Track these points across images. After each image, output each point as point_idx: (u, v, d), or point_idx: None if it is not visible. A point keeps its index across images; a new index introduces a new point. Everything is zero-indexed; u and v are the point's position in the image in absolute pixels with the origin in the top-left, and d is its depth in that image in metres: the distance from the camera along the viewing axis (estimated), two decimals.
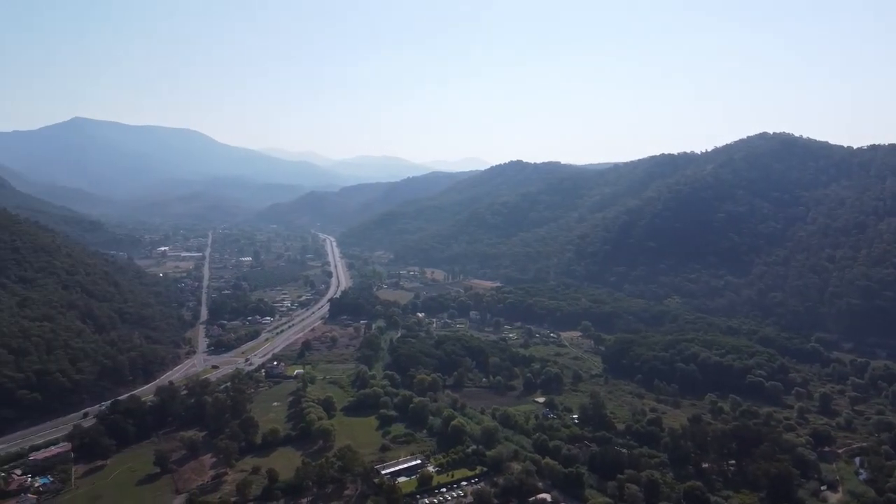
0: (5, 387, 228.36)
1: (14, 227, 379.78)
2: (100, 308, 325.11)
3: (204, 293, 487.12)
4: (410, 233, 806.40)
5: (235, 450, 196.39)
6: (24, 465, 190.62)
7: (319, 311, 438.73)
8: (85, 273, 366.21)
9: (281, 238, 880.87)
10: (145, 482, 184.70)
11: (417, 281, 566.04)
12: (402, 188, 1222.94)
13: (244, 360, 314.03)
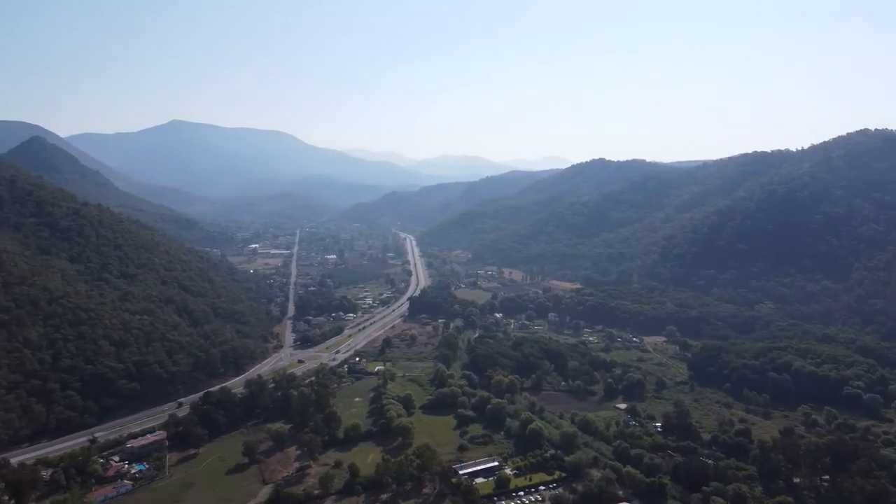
0: (107, 376, 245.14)
1: (117, 226, 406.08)
2: (195, 303, 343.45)
3: (291, 289, 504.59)
4: (488, 232, 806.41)
5: (319, 443, 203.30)
6: (122, 452, 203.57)
7: (399, 308, 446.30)
8: (181, 269, 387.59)
9: (363, 237, 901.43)
10: (234, 471, 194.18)
11: (495, 281, 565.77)
12: (481, 187, 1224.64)
13: (328, 356, 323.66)
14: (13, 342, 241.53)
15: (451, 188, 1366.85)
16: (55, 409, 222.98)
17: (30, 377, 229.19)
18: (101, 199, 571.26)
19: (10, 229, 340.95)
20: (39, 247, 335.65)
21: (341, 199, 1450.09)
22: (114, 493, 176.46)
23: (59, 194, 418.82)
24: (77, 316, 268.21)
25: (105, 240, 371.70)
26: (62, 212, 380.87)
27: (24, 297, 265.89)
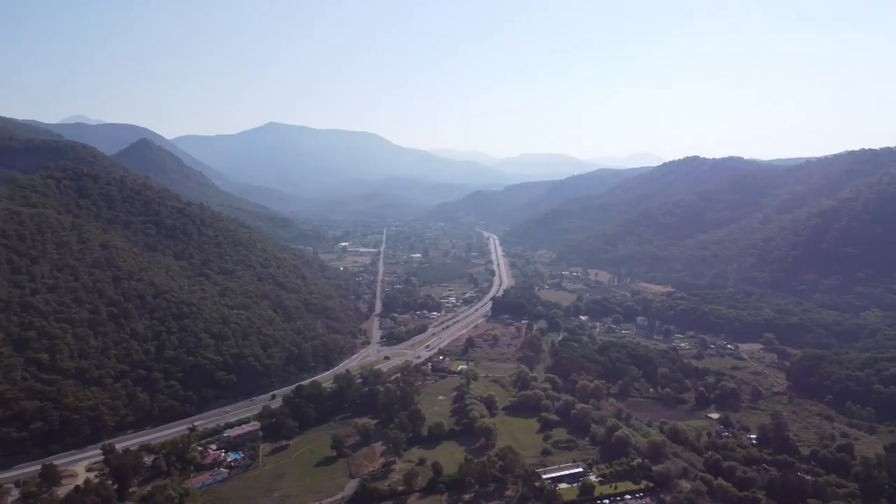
0: (206, 368, 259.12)
1: (217, 224, 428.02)
2: (288, 298, 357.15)
3: (378, 287, 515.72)
4: (574, 232, 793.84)
5: (403, 440, 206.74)
6: (219, 441, 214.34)
7: (482, 308, 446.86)
8: (276, 266, 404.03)
9: (448, 236, 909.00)
10: (323, 464, 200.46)
11: (580, 282, 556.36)
12: (567, 186, 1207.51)
13: (412, 353, 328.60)
14: (121, 333, 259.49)
15: (536, 187, 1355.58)
16: (158, 398, 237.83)
17: (136, 367, 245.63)
18: (203, 199, 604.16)
19: (120, 227, 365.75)
20: (147, 244, 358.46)
21: (426, 199, 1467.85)
22: (211, 480, 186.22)
23: (164, 194, 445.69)
24: (180, 310, 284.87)
25: (206, 237, 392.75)
26: (167, 210, 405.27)
27: (131, 292, 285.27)
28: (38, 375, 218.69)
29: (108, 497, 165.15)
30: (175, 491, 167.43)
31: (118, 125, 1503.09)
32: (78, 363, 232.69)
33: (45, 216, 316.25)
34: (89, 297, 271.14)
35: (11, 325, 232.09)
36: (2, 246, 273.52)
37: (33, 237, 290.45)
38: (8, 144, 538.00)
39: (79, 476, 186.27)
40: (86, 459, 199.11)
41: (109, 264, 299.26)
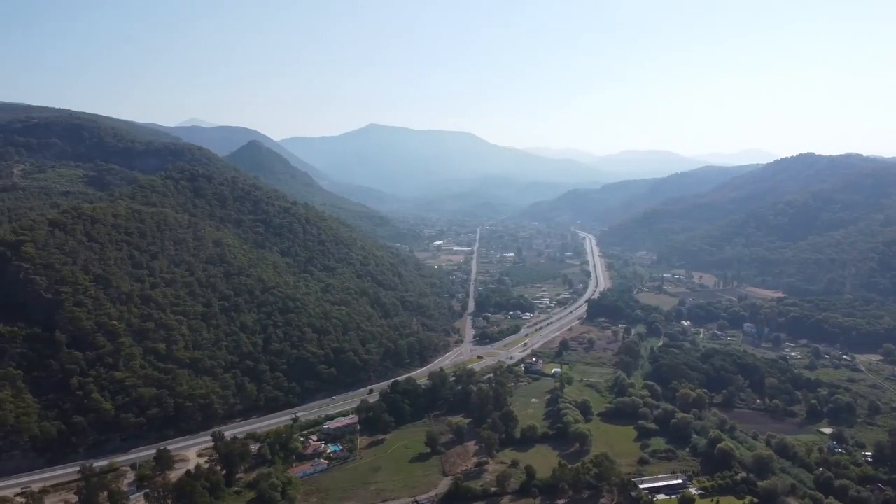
0: (309, 361, 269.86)
1: (321, 223, 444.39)
2: (386, 296, 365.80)
3: (471, 286, 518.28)
4: (676, 233, 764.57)
5: (496, 441, 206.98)
6: (320, 433, 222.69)
7: (577, 310, 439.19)
8: (375, 264, 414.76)
9: (542, 235, 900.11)
10: (417, 460, 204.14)
11: (683, 285, 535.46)
12: (669, 184, 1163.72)
13: (505, 354, 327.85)
14: (232, 326, 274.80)
15: (636, 185, 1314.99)
16: (264, 389, 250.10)
17: (244, 358, 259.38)
18: (308, 198, 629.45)
19: (231, 225, 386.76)
20: (255, 241, 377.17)
21: (520, 198, 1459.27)
22: (311, 470, 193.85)
23: (272, 194, 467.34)
24: (286, 304, 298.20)
25: (311, 235, 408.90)
26: (275, 210, 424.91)
27: (241, 287, 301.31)
28: (156, 364, 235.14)
29: (217, 482, 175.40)
30: (278, 479, 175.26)
31: (230, 128, 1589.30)
32: (192, 353, 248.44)
33: (164, 215, 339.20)
34: (203, 291, 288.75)
35: (132, 317, 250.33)
36: (124, 242, 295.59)
37: (153, 234, 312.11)
38: (131, 147, 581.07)
39: (190, 461, 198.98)
40: (197, 445, 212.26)
41: (221, 260, 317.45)
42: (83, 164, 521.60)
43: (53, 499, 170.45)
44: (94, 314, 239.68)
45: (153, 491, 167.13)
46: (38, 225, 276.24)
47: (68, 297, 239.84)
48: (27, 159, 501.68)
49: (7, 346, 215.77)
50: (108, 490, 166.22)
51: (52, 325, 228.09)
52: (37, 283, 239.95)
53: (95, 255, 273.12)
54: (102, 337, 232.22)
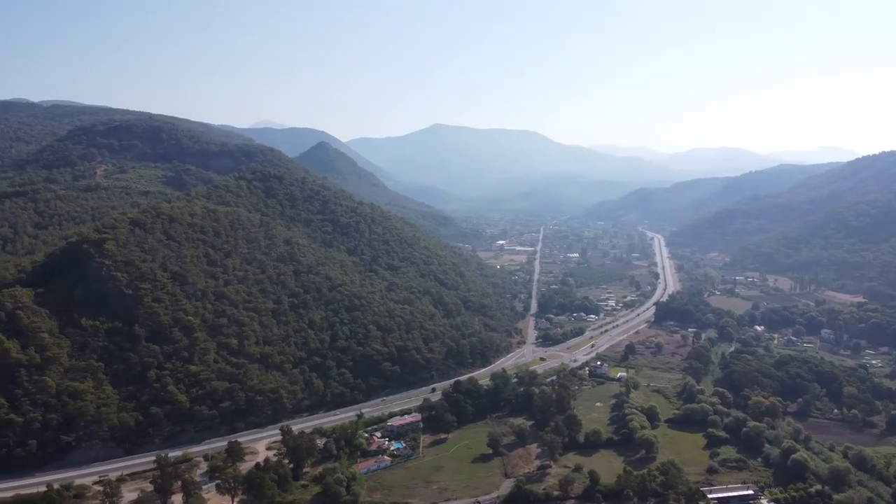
0: (373, 358, 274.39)
1: (386, 223, 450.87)
2: (448, 295, 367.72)
3: (534, 286, 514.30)
4: (750, 234, 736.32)
5: (559, 445, 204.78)
6: (383, 430, 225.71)
7: (644, 313, 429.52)
8: (438, 263, 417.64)
9: (607, 235, 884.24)
10: (479, 461, 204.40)
11: (756, 289, 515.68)
12: (742, 183, 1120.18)
13: (569, 356, 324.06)
14: (300, 322, 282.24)
15: (707, 184, 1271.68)
16: (331, 385, 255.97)
17: (312, 354, 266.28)
18: (374, 198, 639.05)
19: (301, 224, 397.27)
20: (324, 240, 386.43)
21: (585, 197, 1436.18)
22: (375, 466, 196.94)
23: (340, 194, 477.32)
24: (352, 302, 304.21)
25: (376, 235, 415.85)
26: (342, 209, 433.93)
27: (310, 284, 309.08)
28: (228, 359, 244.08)
29: (285, 475, 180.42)
30: (343, 474, 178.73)
31: (300, 129, 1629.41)
32: (262, 349, 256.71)
33: (237, 214, 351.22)
34: (273, 288, 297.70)
35: (206, 313, 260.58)
36: (200, 241, 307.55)
37: (227, 233, 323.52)
38: (206, 148, 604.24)
39: (259, 453, 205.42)
40: (266, 438, 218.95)
41: (291, 259, 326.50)
42: (162, 164, 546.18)
43: (130, 487, 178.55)
44: (171, 309, 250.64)
45: (224, 482, 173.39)
46: (120, 224, 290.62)
47: (147, 293, 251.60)
48: (109, 160, 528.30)
49: (89, 340, 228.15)
50: (182, 480, 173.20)
51: (132, 319, 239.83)
52: (118, 280, 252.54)
53: (173, 253, 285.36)
54: (179, 331, 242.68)
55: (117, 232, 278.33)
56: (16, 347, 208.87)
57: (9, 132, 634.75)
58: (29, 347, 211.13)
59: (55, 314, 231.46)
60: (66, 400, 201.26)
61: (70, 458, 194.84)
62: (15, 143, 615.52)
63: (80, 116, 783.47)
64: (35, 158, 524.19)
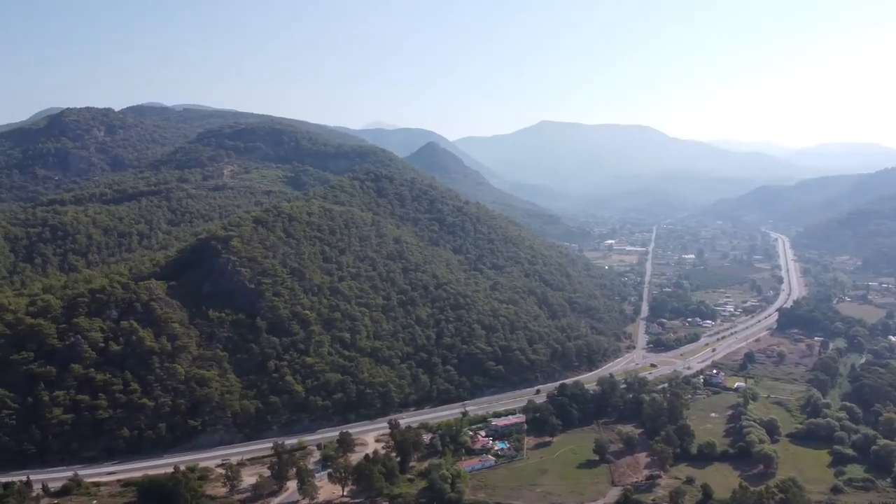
0: (478, 357, 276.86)
1: (491, 222, 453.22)
2: (553, 296, 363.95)
3: (645, 289, 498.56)
4: (886, 236, 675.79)
5: (670, 455, 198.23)
6: (487, 429, 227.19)
7: (766, 320, 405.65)
8: (543, 263, 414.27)
9: (727, 236, 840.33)
10: (584, 466, 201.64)
11: (891, 296, 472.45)
12: (878, 181, 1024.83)
13: (682, 363, 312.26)
14: (408, 319, 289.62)
15: (837, 182, 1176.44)
16: (436, 381, 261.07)
17: (419, 350, 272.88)
18: (479, 197, 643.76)
19: (409, 223, 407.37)
20: (430, 239, 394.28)
21: (702, 194, 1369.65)
22: (479, 465, 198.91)
23: (447, 193, 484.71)
24: (457, 301, 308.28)
25: (481, 234, 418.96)
26: (449, 209, 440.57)
27: (417, 282, 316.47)
28: (341, 352, 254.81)
29: (393, 468, 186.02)
30: (448, 471, 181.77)
31: (410, 130, 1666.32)
32: (373, 343, 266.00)
33: (351, 213, 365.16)
34: (383, 285, 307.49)
35: (322, 307, 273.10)
36: (317, 238, 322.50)
37: (341, 231, 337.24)
38: (323, 150, 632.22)
39: (368, 445, 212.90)
40: (375, 431, 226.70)
41: (400, 256, 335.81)
42: (282, 165, 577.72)
43: (249, 472, 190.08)
44: (290, 304, 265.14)
45: (336, 471, 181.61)
46: (244, 222, 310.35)
47: (268, 288, 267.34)
48: (235, 161, 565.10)
49: (216, 330, 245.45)
50: (297, 467, 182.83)
51: (254, 312, 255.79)
52: (242, 274, 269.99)
53: (292, 250, 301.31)
54: (296, 324, 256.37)
55: (242, 230, 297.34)
56: (149, 336, 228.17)
57: (145, 134, 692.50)
58: (161, 336, 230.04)
59: (185, 306, 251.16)
60: (193, 386, 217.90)
61: (195, 442, 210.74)
62: (151, 144, 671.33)
63: (209, 120, 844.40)
64: (169, 159, 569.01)
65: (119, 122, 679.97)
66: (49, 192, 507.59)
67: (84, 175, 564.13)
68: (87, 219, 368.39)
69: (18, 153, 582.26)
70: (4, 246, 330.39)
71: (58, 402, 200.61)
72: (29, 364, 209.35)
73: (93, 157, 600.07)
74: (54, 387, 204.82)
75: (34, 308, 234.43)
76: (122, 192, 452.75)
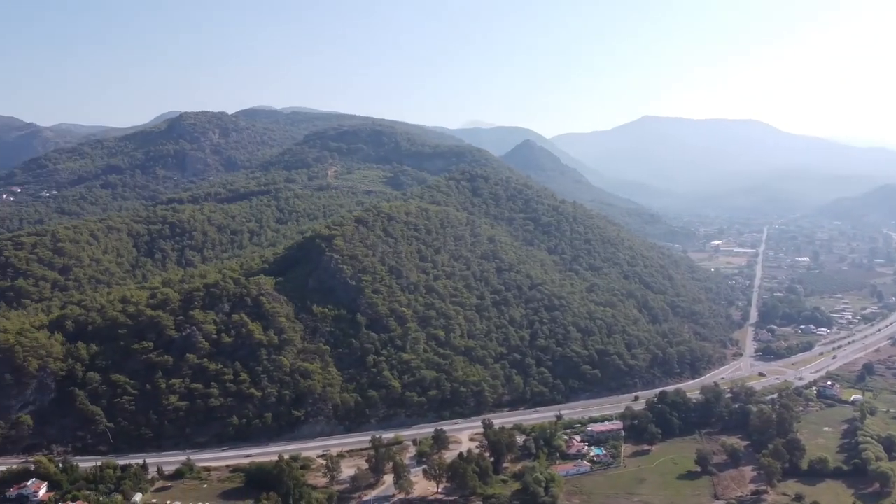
0: (573, 360, 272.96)
1: (588, 221, 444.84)
2: (654, 299, 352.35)
3: (754, 293, 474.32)
4: None
5: (778, 470, 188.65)
6: (583, 434, 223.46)
7: (887, 328, 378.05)
8: (643, 265, 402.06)
9: (845, 237, 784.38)
10: (685, 478, 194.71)
11: None
12: None
13: (793, 374, 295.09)
14: (501, 319, 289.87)
15: None
16: (530, 383, 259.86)
17: (512, 351, 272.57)
18: (576, 195, 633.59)
19: (504, 222, 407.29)
20: (525, 238, 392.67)
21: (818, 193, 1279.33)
22: (574, 470, 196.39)
23: (542, 192, 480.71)
24: (551, 302, 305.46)
25: (577, 234, 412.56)
26: (544, 208, 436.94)
27: (511, 282, 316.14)
28: (436, 350, 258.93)
29: (486, 468, 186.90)
30: (542, 475, 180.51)
31: (506, 128, 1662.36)
32: (466, 342, 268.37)
33: (447, 213, 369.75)
34: (477, 284, 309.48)
35: (418, 305, 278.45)
36: (413, 237, 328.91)
37: (437, 231, 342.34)
38: (420, 150, 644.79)
39: (462, 443, 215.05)
40: (468, 429, 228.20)
41: (494, 256, 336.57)
42: (382, 165, 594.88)
43: (348, 464, 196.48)
44: (388, 301, 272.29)
45: (430, 468, 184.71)
46: (346, 221, 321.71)
47: (368, 285, 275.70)
48: (339, 162, 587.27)
49: (319, 325, 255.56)
50: (394, 461, 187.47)
51: (355, 308, 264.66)
52: (344, 272, 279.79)
53: (390, 249, 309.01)
54: (394, 321, 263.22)
55: (344, 229, 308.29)
56: (258, 329, 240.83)
57: (256, 136, 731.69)
58: (269, 330, 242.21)
59: (291, 301, 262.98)
60: (297, 378, 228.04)
61: (298, 432, 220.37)
62: (261, 146, 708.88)
63: (314, 122, 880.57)
64: (277, 160, 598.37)
65: (232, 125, 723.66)
66: (168, 191, 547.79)
67: (200, 175, 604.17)
68: (203, 217, 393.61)
69: (141, 154, 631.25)
70: (128, 242, 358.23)
71: (174, 390, 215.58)
72: (148, 353, 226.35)
73: (208, 157, 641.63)
74: (171, 375, 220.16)
75: (154, 301, 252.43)
76: (234, 191, 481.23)
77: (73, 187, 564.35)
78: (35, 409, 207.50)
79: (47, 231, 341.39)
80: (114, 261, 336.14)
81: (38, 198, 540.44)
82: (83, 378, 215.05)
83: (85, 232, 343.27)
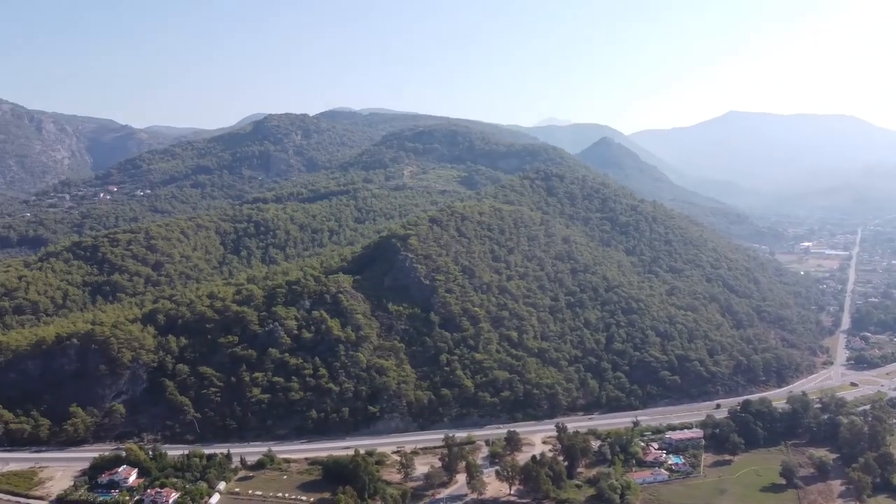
0: (651, 365, 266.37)
1: (668, 221, 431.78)
2: (739, 304, 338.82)
3: (847, 298, 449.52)
4: None
5: (869, 485, 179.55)
6: (661, 441, 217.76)
7: None
8: (727, 267, 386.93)
9: None
10: (769, 490, 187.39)
11: None
12: None
13: (888, 384, 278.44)
14: (576, 321, 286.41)
15: None
16: (606, 387, 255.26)
17: (587, 354, 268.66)
18: (656, 194, 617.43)
19: (579, 222, 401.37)
20: (601, 239, 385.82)
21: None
22: (651, 478, 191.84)
23: (620, 191, 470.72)
24: (629, 305, 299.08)
25: (657, 235, 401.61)
26: (622, 208, 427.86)
27: (586, 283, 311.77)
28: (509, 350, 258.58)
29: (560, 472, 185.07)
30: (618, 481, 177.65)
31: (583, 125, 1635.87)
32: (539, 343, 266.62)
33: (520, 213, 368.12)
34: (551, 285, 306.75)
35: (490, 305, 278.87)
36: (486, 237, 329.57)
37: (510, 231, 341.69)
38: (495, 149, 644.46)
39: (535, 446, 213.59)
40: (541, 432, 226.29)
41: (569, 257, 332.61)
42: (457, 165, 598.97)
43: (421, 461, 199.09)
44: (461, 300, 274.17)
45: (503, 469, 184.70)
46: (421, 221, 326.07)
47: (441, 284, 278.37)
48: (415, 162, 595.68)
49: (394, 323, 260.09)
50: (466, 461, 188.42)
51: (429, 307, 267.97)
52: (418, 271, 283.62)
53: (463, 248, 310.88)
54: (467, 321, 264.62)
55: (419, 228, 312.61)
56: (337, 326, 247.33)
57: (335, 137, 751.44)
58: (347, 326, 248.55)
59: (368, 298, 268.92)
60: (373, 375, 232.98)
61: (374, 427, 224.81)
62: (341, 147, 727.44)
63: (391, 123, 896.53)
64: (355, 161, 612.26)
65: (313, 127, 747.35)
66: (253, 190, 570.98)
67: (283, 175, 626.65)
68: (286, 216, 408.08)
69: (228, 155, 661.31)
70: (216, 239, 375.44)
71: (257, 383, 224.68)
72: (233, 347, 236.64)
73: (291, 158, 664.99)
74: (254, 369, 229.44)
75: (239, 297, 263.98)
76: (315, 191, 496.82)
77: (165, 187, 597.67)
78: (128, 398, 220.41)
79: (141, 229, 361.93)
80: (202, 257, 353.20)
81: (133, 197, 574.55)
82: (173, 370, 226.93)
83: (176, 230, 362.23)
